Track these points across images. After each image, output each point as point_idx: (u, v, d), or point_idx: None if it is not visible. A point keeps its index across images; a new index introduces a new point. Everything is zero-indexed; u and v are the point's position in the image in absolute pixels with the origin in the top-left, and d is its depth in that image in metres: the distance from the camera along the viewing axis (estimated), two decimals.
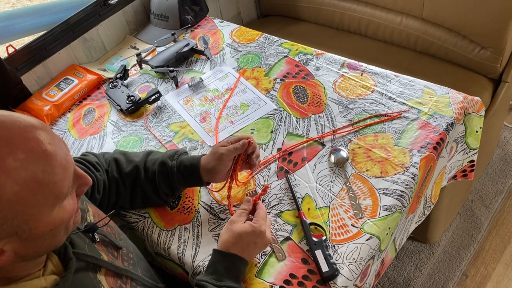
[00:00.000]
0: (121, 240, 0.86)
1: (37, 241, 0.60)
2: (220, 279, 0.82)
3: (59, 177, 0.59)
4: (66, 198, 0.61)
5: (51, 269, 0.67)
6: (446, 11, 1.50)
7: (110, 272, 0.75)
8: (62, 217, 0.61)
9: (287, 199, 1.02)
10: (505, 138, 2.00)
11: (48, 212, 0.59)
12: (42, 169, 0.57)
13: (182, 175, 0.97)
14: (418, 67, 1.59)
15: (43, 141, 0.58)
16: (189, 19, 1.60)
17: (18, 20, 1.65)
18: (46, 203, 0.58)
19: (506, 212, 1.77)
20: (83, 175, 0.65)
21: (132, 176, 0.99)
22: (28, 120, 0.59)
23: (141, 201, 1.03)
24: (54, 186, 0.58)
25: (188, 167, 0.97)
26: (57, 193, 0.59)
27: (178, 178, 0.97)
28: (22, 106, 1.39)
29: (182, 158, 0.98)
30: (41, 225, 0.58)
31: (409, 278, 1.64)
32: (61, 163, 0.59)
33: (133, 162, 1.00)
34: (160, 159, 0.99)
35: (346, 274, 0.87)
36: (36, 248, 0.61)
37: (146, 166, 0.99)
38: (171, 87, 1.39)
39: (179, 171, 0.97)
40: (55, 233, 0.61)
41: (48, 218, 0.59)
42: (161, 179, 0.98)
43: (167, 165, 0.98)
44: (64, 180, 0.60)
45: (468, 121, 1.15)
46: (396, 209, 0.96)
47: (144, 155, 1.02)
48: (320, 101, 1.22)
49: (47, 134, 0.59)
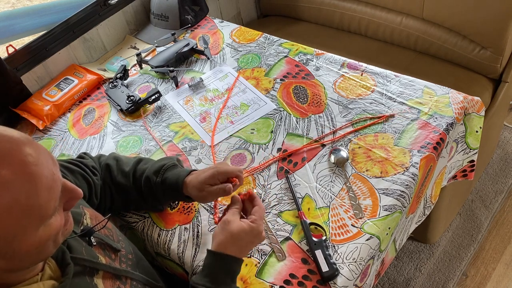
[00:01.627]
0: (120, 241, 0.85)
1: (23, 258, 0.58)
2: (216, 282, 0.78)
3: (44, 199, 0.56)
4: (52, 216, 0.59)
5: (49, 274, 0.67)
6: (446, 11, 1.50)
7: (108, 274, 0.74)
8: (48, 234, 0.59)
9: (287, 199, 1.02)
10: (505, 138, 2.00)
11: (33, 233, 0.57)
12: (26, 193, 0.54)
13: (167, 192, 0.94)
14: (418, 67, 1.59)
15: (28, 163, 0.55)
16: (189, 19, 1.60)
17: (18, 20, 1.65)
18: (30, 225, 0.56)
19: (506, 212, 1.77)
20: (73, 189, 0.63)
21: (122, 186, 0.98)
22: (14, 138, 0.55)
23: (134, 207, 1.04)
24: (39, 209, 0.56)
25: (172, 186, 0.93)
26: (42, 215, 0.57)
27: (162, 195, 0.95)
28: (22, 106, 1.39)
29: (167, 175, 0.94)
30: (25, 246, 0.56)
31: (409, 278, 1.64)
32: (47, 184, 0.56)
33: (123, 172, 0.98)
34: (146, 173, 0.96)
35: (346, 274, 0.87)
36: (22, 263, 0.60)
37: (135, 177, 0.97)
38: (171, 87, 1.39)
39: (164, 189, 0.94)
40: (41, 250, 0.59)
41: (33, 238, 0.57)
42: (146, 192, 0.96)
43: (152, 180, 0.95)
44: (49, 201, 0.57)
45: (468, 121, 1.15)
46: (396, 209, 0.96)
47: (134, 163, 1.00)
48: (320, 101, 1.22)
49: (33, 152, 0.56)
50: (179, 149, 1.18)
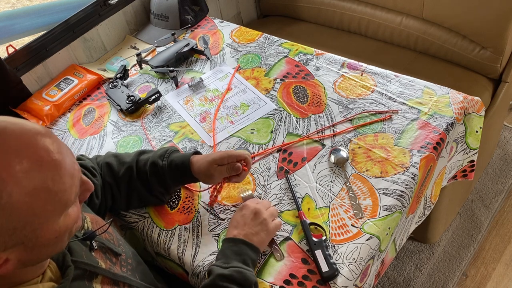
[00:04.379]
0: (120, 246, 0.85)
1: (41, 249, 0.60)
2: (227, 262, 0.83)
3: (68, 185, 0.59)
4: (72, 205, 0.61)
5: (49, 276, 0.67)
6: (446, 11, 1.50)
7: (106, 280, 0.75)
8: (67, 224, 0.61)
9: (287, 199, 1.02)
10: (505, 138, 2.00)
11: (55, 220, 0.59)
12: (52, 178, 0.57)
13: (174, 174, 0.97)
14: (418, 67, 1.59)
15: (52, 150, 0.58)
16: (189, 19, 1.60)
17: (18, 20, 1.64)
18: (54, 211, 0.58)
19: (506, 212, 1.77)
20: (86, 181, 0.66)
21: (125, 178, 0.99)
22: (37, 128, 0.59)
23: (137, 202, 1.03)
24: (63, 195, 0.58)
25: (179, 166, 0.96)
26: (66, 201, 0.59)
27: (170, 177, 0.97)
28: (22, 106, 1.39)
29: (172, 157, 0.98)
30: (47, 234, 0.59)
31: (409, 278, 1.64)
32: (69, 171, 0.59)
33: (125, 163, 1.00)
34: (151, 159, 0.98)
35: (346, 274, 0.87)
36: (40, 254, 0.61)
37: (138, 166, 0.99)
38: (171, 87, 1.39)
39: (171, 170, 0.97)
40: (59, 240, 0.61)
41: (55, 226, 0.59)
42: (153, 179, 0.98)
43: (158, 165, 0.97)
44: (72, 187, 0.60)
45: (468, 121, 1.15)
46: (396, 209, 0.96)
47: (135, 154, 1.02)
48: (320, 101, 1.22)
49: (55, 142, 0.59)
50: (179, 149, 1.18)
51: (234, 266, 0.82)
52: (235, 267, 0.82)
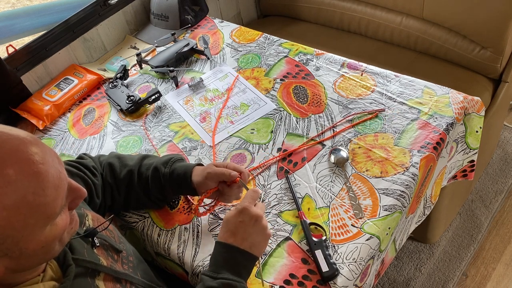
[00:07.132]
0: (121, 243, 0.85)
1: (28, 258, 0.58)
2: (217, 271, 0.78)
3: (51, 197, 0.56)
4: (59, 215, 0.59)
5: (50, 275, 0.67)
6: (446, 11, 1.50)
7: (109, 277, 0.74)
8: (54, 234, 0.59)
9: (287, 199, 1.02)
10: (505, 138, 2.00)
11: (39, 232, 0.57)
12: (33, 192, 0.54)
13: (174, 183, 0.96)
14: (418, 67, 1.59)
15: (34, 161, 0.55)
16: (189, 19, 1.60)
17: (18, 20, 1.64)
18: (36, 225, 0.56)
19: (506, 212, 1.77)
20: (77, 188, 0.63)
21: (125, 181, 0.98)
22: (20, 137, 0.56)
23: (135, 205, 1.04)
24: (45, 208, 0.56)
25: (180, 176, 0.95)
26: (49, 214, 0.57)
27: (170, 185, 0.96)
28: (22, 106, 1.39)
29: (175, 166, 0.96)
30: (31, 245, 0.57)
31: (409, 278, 1.64)
32: (53, 182, 0.57)
33: (127, 166, 0.99)
34: (154, 164, 0.97)
35: (346, 274, 0.87)
36: (28, 263, 0.60)
37: (140, 171, 0.98)
38: (171, 87, 1.39)
39: (171, 179, 0.95)
40: (47, 249, 0.60)
41: (40, 237, 0.57)
42: (153, 184, 0.97)
43: (160, 171, 0.96)
44: (56, 199, 0.57)
45: (468, 121, 1.15)
46: (396, 209, 0.96)
47: (139, 159, 1.01)
48: (320, 101, 1.22)
49: (39, 151, 0.56)
50: (179, 149, 1.18)
51: (224, 278, 0.76)
52: (225, 279, 0.76)
